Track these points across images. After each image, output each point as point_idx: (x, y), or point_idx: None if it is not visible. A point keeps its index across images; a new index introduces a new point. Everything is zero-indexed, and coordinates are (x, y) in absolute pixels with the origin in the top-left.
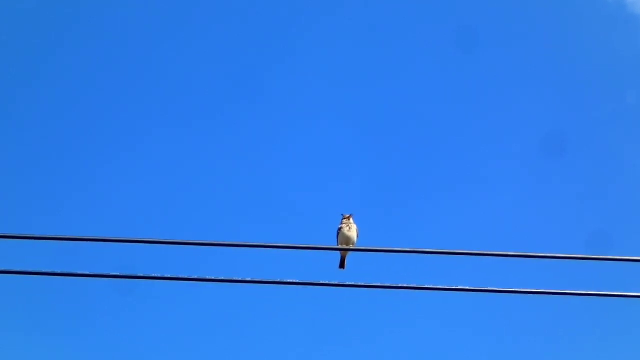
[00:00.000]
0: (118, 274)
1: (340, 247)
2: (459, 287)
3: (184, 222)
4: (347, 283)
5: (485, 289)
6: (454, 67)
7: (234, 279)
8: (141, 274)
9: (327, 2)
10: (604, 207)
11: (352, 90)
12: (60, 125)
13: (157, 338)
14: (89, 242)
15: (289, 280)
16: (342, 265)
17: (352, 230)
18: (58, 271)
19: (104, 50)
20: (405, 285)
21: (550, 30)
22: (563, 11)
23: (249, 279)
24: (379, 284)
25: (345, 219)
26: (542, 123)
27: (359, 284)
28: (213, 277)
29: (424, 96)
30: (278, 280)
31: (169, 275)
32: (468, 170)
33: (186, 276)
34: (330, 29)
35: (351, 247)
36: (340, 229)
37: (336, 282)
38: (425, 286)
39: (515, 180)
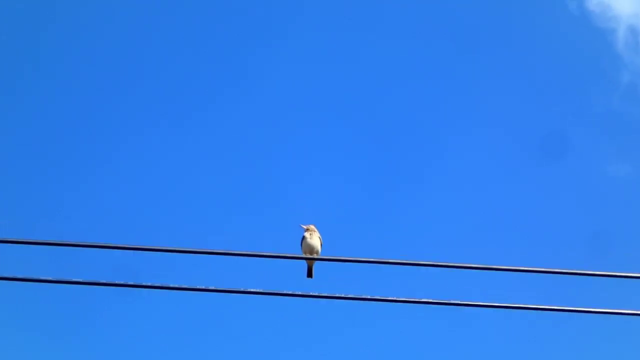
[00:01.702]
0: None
1: (304, 256)
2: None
3: (179, 222)
4: (310, 293)
5: (461, 303)
6: (450, 67)
7: (195, 287)
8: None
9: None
10: (603, 208)
11: (349, 89)
12: (58, 128)
13: (156, 341)
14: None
15: (251, 290)
16: (309, 274)
17: (314, 239)
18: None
19: (95, 49)
20: (375, 297)
21: (536, 30)
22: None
23: (212, 287)
24: (342, 295)
25: (307, 229)
26: (537, 125)
27: (321, 294)
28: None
29: (418, 97)
30: (243, 289)
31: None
32: (466, 170)
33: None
34: (327, 27)
35: (315, 256)
36: (303, 237)
37: (300, 292)
38: (393, 298)
39: (514, 181)
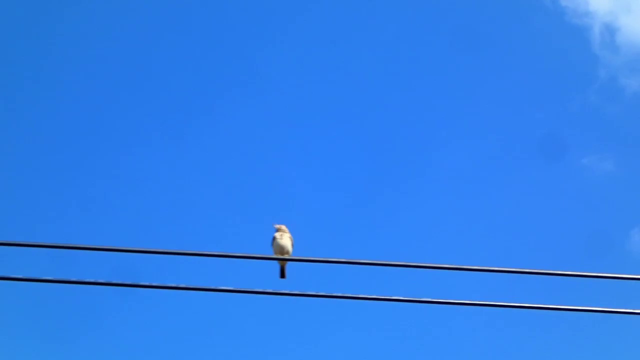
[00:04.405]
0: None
1: (275, 256)
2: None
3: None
4: (279, 291)
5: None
6: (448, 67)
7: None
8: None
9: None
10: (602, 207)
11: (343, 90)
12: (58, 131)
13: (157, 342)
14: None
15: (222, 288)
16: (282, 275)
17: (284, 239)
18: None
19: (97, 51)
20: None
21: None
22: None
23: (183, 285)
24: (310, 293)
25: (278, 228)
26: (532, 126)
27: (289, 292)
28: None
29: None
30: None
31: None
32: (465, 171)
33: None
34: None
35: (286, 256)
36: (274, 238)
37: (270, 290)
38: (365, 296)
39: (512, 182)
